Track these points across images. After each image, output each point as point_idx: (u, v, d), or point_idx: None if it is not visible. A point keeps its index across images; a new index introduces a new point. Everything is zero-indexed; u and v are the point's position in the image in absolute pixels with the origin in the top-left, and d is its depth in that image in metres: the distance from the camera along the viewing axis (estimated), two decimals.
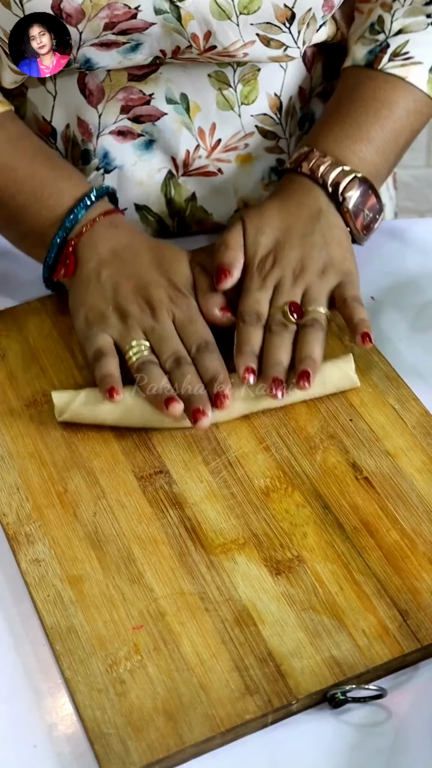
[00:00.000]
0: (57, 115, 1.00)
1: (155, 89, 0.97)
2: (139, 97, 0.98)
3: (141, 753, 0.68)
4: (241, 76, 0.98)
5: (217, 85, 0.98)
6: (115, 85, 0.97)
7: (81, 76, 0.96)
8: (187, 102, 0.99)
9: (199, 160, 1.02)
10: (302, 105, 1.05)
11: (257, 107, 1.01)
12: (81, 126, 1.00)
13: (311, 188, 0.95)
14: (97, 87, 0.97)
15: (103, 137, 1.00)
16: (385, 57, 0.98)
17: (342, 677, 0.72)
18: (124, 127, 0.99)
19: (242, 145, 1.03)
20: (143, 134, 1.00)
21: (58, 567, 0.78)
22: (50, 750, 0.70)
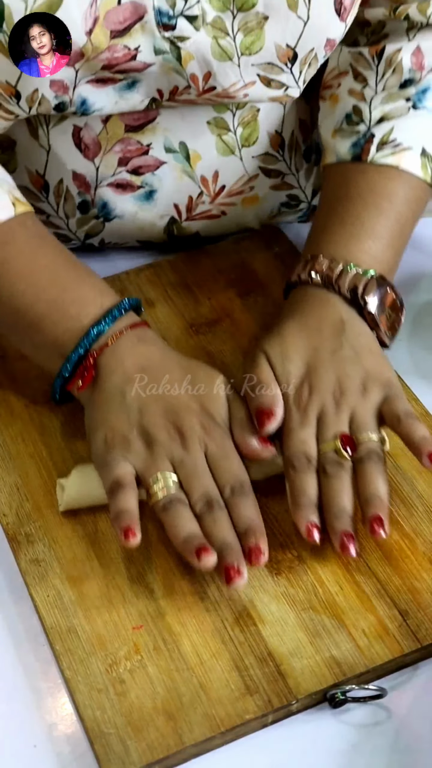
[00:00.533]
0: (51, 169, 0.97)
1: (153, 139, 0.95)
2: (137, 148, 0.95)
3: (141, 753, 0.68)
4: (240, 119, 0.96)
5: (216, 131, 0.96)
6: (112, 137, 0.94)
7: (76, 130, 0.94)
8: (186, 150, 0.96)
9: (203, 206, 1.00)
10: (305, 138, 1.02)
11: (258, 148, 0.98)
12: (77, 179, 0.97)
13: (327, 299, 0.87)
14: (93, 140, 0.94)
15: (101, 189, 0.98)
16: (372, 147, 0.92)
17: (342, 677, 0.72)
18: (123, 180, 0.97)
19: (248, 188, 1.01)
20: (143, 186, 0.98)
21: (58, 567, 0.78)
22: (50, 750, 0.70)
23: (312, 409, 0.82)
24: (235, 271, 1.03)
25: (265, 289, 1.01)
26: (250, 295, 1.00)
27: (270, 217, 1.06)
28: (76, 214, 1.00)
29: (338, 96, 0.97)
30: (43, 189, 0.99)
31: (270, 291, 1.00)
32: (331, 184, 0.95)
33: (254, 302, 0.99)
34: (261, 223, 1.06)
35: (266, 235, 1.06)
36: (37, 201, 1.00)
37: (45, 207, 1.00)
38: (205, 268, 1.03)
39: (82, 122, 0.93)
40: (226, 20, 0.84)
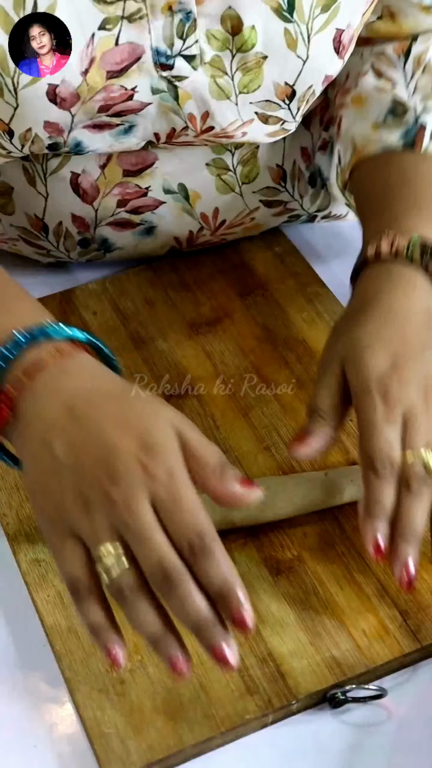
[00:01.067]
0: (49, 213, 0.96)
1: (152, 182, 0.94)
2: (136, 191, 0.94)
3: (141, 753, 0.68)
4: (240, 157, 0.95)
5: (215, 172, 0.95)
6: (110, 182, 0.93)
7: (74, 177, 0.93)
8: (185, 191, 0.96)
9: (203, 237, 1.01)
10: (308, 164, 1.01)
11: (259, 183, 0.98)
12: (76, 221, 0.97)
13: (413, 280, 0.78)
14: (91, 185, 0.94)
15: (101, 228, 0.97)
16: (426, 137, 0.89)
17: (342, 677, 0.72)
18: (122, 219, 0.97)
19: (248, 220, 1.01)
20: (143, 223, 0.97)
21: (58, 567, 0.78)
22: (50, 750, 0.70)
23: (399, 405, 0.71)
24: (235, 271, 1.03)
25: (265, 289, 1.01)
26: (250, 295, 1.00)
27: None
28: (76, 249, 1.00)
29: (365, 96, 0.93)
30: (42, 230, 0.99)
31: (270, 291, 1.00)
32: (384, 172, 0.89)
33: (254, 302, 0.99)
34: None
35: (266, 235, 1.06)
36: (37, 240, 1.00)
37: (45, 244, 1.00)
38: (205, 268, 1.03)
39: (79, 169, 0.93)
40: (224, 60, 0.83)
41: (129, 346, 0.95)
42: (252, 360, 0.93)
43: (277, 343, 0.94)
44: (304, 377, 0.91)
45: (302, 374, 0.92)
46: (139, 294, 1.01)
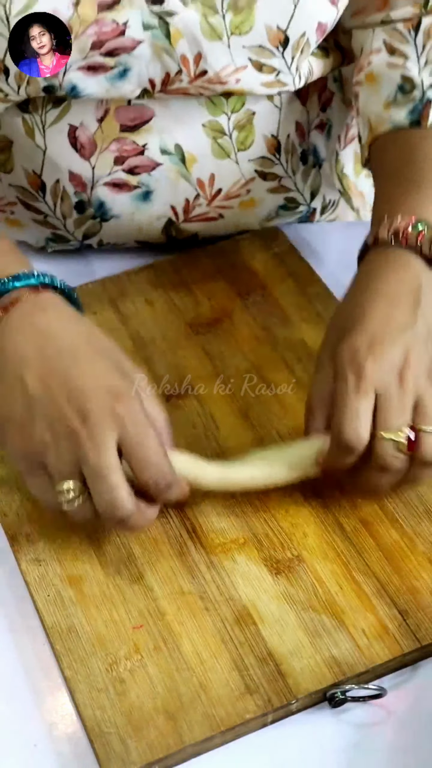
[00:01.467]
0: (47, 169, 0.97)
1: (148, 139, 0.95)
2: (133, 148, 0.95)
3: (141, 752, 0.68)
4: (236, 122, 0.96)
5: (211, 134, 0.95)
6: (107, 137, 0.94)
7: (71, 129, 0.94)
8: (182, 152, 0.96)
9: (200, 208, 1.00)
10: (301, 141, 1.02)
11: (254, 151, 0.98)
12: (73, 179, 0.97)
13: (408, 261, 0.80)
14: (88, 139, 0.94)
15: (97, 188, 0.97)
16: (431, 112, 0.90)
17: (342, 677, 0.72)
18: (119, 180, 0.97)
19: (244, 191, 1.01)
20: (140, 186, 0.97)
21: (58, 566, 0.78)
22: (50, 749, 0.70)
23: (370, 379, 0.73)
24: (235, 271, 1.03)
25: (265, 289, 1.01)
26: (250, 295, 1.00)
27: (268, 220, 1.06)
28: (72, 215, 1.00)
29: (377, 73, 0.94)
30: (40, 189, 0.99)
31: (270, 291, 1.00)
32: (391, 151, 0.92)
33: (254, 302, 0.99)
34: (260, 224, 1.06)
35: (266, 235, 1.06)
36: (35, 201, 1.00)
37: (42, 207, 1.00)
38: (205, 268, 1.03)
39: (77, 121, 0.93)
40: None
41: (129, 346, 0.95)
42: (252, 360, 0.93)
43: (277, 343, 0.94)
44: (304, 377, 0.91)
45: (302, 374, 0.92)
46: (139, 294, 1.01)
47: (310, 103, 1.02)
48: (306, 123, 1.02)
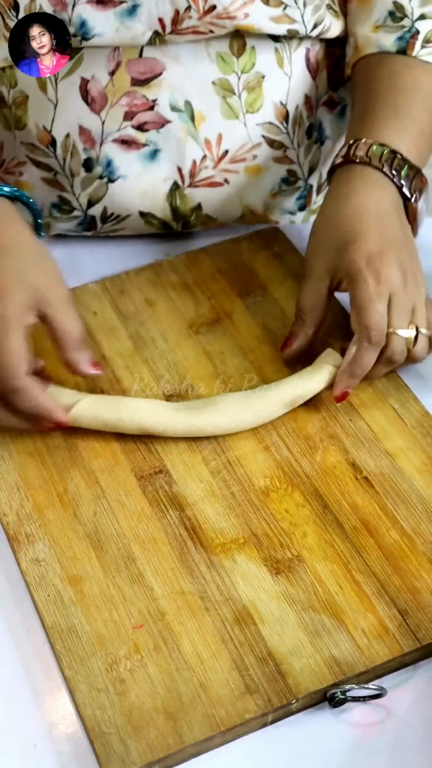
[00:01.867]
0: (57, 123, 0.98)
1: (159, 94, 0.96)
2: (143, 102, 0.96)
3: (141, 752, 0.68)
4: (245, 83, 0.97)
5: (221, 93, 0.97)
6: (118, 90, 0.95)
7: (83, 83, 0.95)
8: (191, 110, 0.97)
9: (206, 171, 1.01)
10: (309, 113, 1.04)
11: (262, 115, 0.99)
12: (83, 134, 0.98)
13: (382, 183, 0.91)
14: (99, 93, 0.95)
15: (106, 145, 0.98)
16: (417, 44, 0.96)
17: (342, 677, 0.72)
18: (128, 136, 0.98)
19: (250, 156, 1.01)
20: (148, 144, 0.98)
21: (58, 567, 0.78)
22: (50, 749, 0.70)
23: (386, 284, 0.85)
24: (235, 271, 1.03)
25: (265, 289, 1.01)
26: (250, 295, 1.00)
27: (271, 195, 1.06)
28: (81, 172, 1.00)
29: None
30: (50, 144, 1.00)
31: (270, 291, 1.00)
32: (374, 73, 0.97)
33: (254, 302, 0.99)
34: (263, 203, 1.06)
35: (266, 235, 1.06)
36: (45, 157, 1.00)
37: (52, 163, 1.01)
38: (205, 268, 1.03)
39: (89, 74, 0.94)
40: None
41: (129, 346, 0.95)
42: (252, 360, 0.93)
43: (277, 343, 0.94)
44: None
45: None
46: (139, 294, 1.01)
47: (320, 79, 1.03)
48: (315, 98, 1.04)
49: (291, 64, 0.99)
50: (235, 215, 1.06)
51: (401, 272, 0.86)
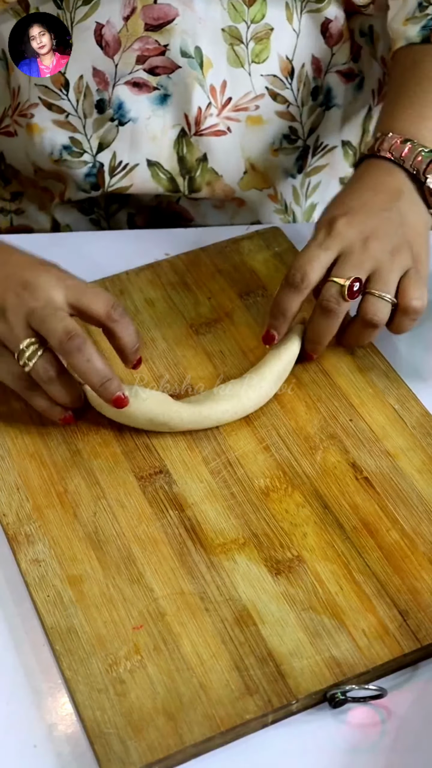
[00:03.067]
0: (71, 66, 1.00)
1: (170, 40, 0.98)
2: (155, 47, 0.98)
3: (141, 753, 0.68)
4: (253, 33, 0.99)
5: (229, 40, 0.99)
6: (132, 35, 0.97)
7: (98, 27, 0.97)
8: (201, 56, 0.99)
9: (210, 119, 1.03)
10: (316, 75, 1.06)
11: (267, 67, 1.01)
12: (97, 75, 1.00)
13: (391, 169, 0.91)
14: (113, 37, 0.97)
15: (118, 87, 1.00)
16: None
17: (342, 677, 0.72)
18: (139, 79, 1.00)
19: (253, 106, 1.03)
20: (158, 88, 1.00)
21: (58, 567, 0.78)
22: (50, 750, 0.70)
23: (338, 239, 0.85)
24: (235, 271, 1.03)
25: (265, 289, 1.00)
26: (250, 295, 1.00)
27: (273, 151, 1.07)
28: (93, 114, 1.02)
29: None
30: (63, 87, 1.01)
31: (270, 291, 1.00)
32: (400, 66, 0.98)
33: (254, 302, 0.99)
34: (264, 158, 1.07)
35: (266, 235, 1.06)
36: (58, 99, 1.02)
37: (65, 105, 1.02)
38: (205, 268, 1.03)
39: (104, 20, 0.96)
40: None
41: None
42: (252, 360, 0.93)
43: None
44: (304, 377, 0.91)
45: (302, 374, 0.92)
46: (139, 294, 1.01)
47: (340, 48, 1.05)
48: (326, 62, 1.05)
49: (300, 22, 1.01)
50: (238, 170, 1.07)
51: (367, 232, 0.85)
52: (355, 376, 0.91)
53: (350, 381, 0.91)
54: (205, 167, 1.06)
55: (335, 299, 0.84)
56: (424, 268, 0.87)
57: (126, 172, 1.05)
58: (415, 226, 0.88)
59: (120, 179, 1.06)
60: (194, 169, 1.06)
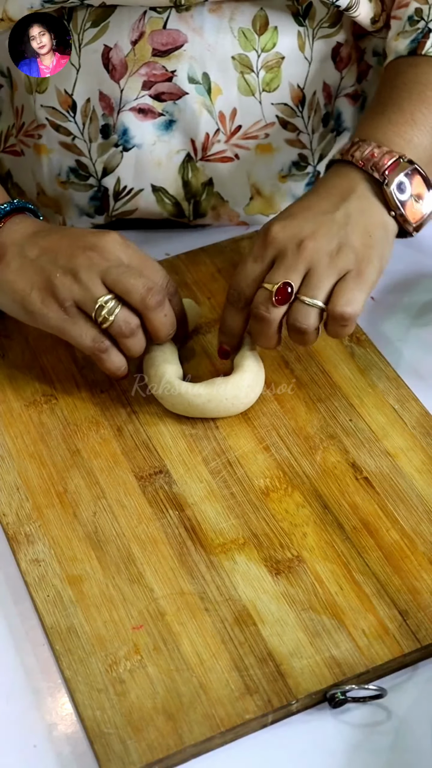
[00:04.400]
0: (79, 88, 0.99)
1: (178, 66, 0.97)
2: (162, 73, 0.97)
3: (141, 753, 0.68)
4: (264, 62, 0.98)
5: (239, 68, 0.98)
6: (139, 59, 0.96)
7: (105, 50, 0.96)
8: (209, 83, 0.98)
9: (218, 145, 1.02)
10: (327, 101, 1.05)
11: (278, 95, 1.00)
12: (102, 100, 0.99)
13: (348, 172, 0.88)
14: (120, 61, 0.97)
15: (123, 113, 0.99)
16: (428, 42, 0.94)
17: (342, 677, 0.72)
18: (145, 105, 0.99)
19: (262, 134, 1.02)
20: (164, 113, 0.99)
21: (57, 567, 0.78)
22: (50, 750, 0.70)
23: (272, 248, 0.85)
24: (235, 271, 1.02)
25: None
26: None
27: (281, 177, 1.06)
28: (98, 138, 1.02)
29: (401, 11, 0.98)
30: (71, 108, 1.00)
31: None
32: (384, 78, 0.97)
33: None
34: (271, 184, 1.06)
35: None
36: (65, 121, 1.01)
37: (71, 127, 1.02)
38: (205, 268, 1.03)
39: (112, 42, 0.96)
40: None
41: None
42: None
43: None
44: (304, 377, 0.91)
45: (302, 374, 0.92)
46: None
47: (348, 71, 1.04)
48: (336, 87, 1.05)
49: (312, 50, 1.00)
50: (243, 196, 1.06)
51: (304, 235, 0.83)
52: (355, 376, 0.91)
53: (350, 381, 0.91)
54: (210, 191, 1.05)
55: (264, 306, 0.84)
56: (369, 270, 0.84)
57: (130, 197, 1.05)
58: (364, 227, 0.85)
59: (124, 203, 1.05)
60: (199, 194, 1.05)
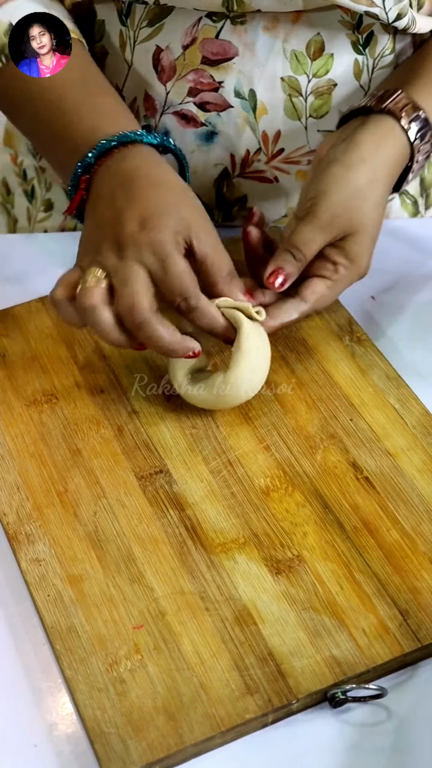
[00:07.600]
0: (129, 84, 1.00)
1: (226, 77, 0.96)
2: (209, 83, 0.97)
3: (141, 752, 0.68)
4: (314, 87, 0.97)
5: (287, 90, 0.97)
6: (188, 65, 0.96)
7: (157, 51, 0.96)
8: (255, 100, 0.97)
9: (258, 164, 1.01)
10: None
11: (326, 123, 0.99)
12: (147, 101, 0.99)
13: (394, 129, 0.90)
14: (169, 64, 0.97)
15: (166, 115, 0.99)
16: None
17: (342, 677, 0.72)
18: (188, 111, 0.99)
19: (305, 161, 1.01)
20: (206, 124, 0.99)
21: (58, 566, 0.78)
22: (50, 749, 0.70)
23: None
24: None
25: None
26: None
27: None
28: None
29: None
30: None
31: None
32: (417, 53, 0.99)
33: None
34: None
35: None
36: None
37: None
38: None
39: (165, 44, 0.96)
40: None
41: None
42: None
43: (277, 343, 0.94)
44: (304, 377, 0.91)
45: (302, 374, 0.92)
46: None
47: None
48: None
49: (371, 80, 0.98)
50: (277, 214, 1.06)
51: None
52: (356, 376, 0.91)
53: (350, 381, 0.91)
54: (243, 206, 1.04)
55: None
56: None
57: None
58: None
59: None
60: (232, 207, 1.04)
